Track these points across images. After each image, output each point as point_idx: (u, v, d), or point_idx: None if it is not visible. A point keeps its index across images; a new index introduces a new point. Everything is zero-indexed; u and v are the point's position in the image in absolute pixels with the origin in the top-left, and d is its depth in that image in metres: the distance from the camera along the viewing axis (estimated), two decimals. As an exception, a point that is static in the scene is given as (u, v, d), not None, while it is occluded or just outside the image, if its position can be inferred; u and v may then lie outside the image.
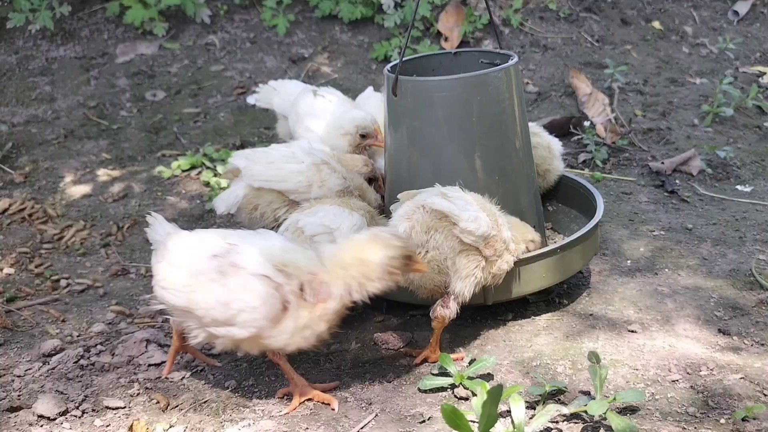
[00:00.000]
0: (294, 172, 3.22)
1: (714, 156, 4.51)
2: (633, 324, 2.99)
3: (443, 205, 2.67)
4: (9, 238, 4.00)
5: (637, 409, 2.53)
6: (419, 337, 2.99)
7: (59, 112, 5.36)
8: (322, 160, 3.28)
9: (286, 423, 2.59)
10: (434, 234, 2.69)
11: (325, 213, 3.00)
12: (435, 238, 2.69)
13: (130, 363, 2.99)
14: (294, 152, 3.31)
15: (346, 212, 3.01)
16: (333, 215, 2.98)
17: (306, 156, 3.28)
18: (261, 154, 3.35)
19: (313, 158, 3.27)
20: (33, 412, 2.71)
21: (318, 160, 3.27)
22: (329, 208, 3.03)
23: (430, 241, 2.69)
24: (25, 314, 3.38)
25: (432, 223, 2.69)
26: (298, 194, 3.22)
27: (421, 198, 2.76)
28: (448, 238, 2.69)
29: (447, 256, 2.69)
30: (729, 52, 6.00)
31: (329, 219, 2.96)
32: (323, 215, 2.99)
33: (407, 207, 2.77)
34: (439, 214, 2.68)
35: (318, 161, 3.27)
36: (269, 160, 3.28)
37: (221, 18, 6.17)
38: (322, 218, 2.97)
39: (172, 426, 2.62)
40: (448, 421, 2.21)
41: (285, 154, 3.31)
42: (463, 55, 3.43)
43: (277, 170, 3.24)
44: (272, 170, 3.24)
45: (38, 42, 5.93)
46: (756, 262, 3.41)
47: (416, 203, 2.76)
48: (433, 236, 2.69)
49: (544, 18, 6.23)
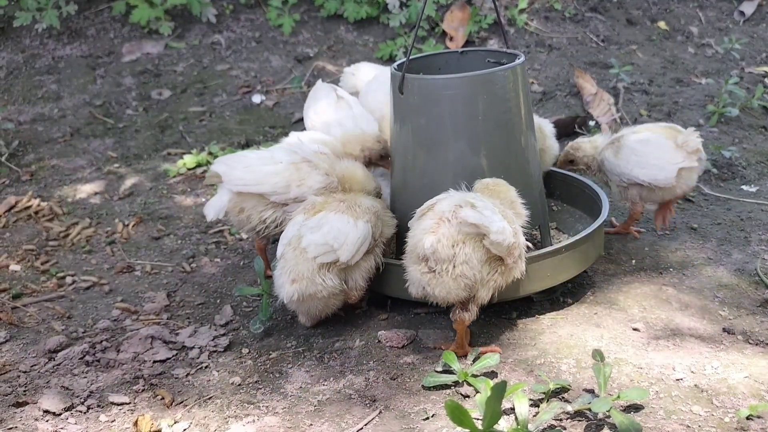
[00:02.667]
0: (270, 174, 3.15)
1: (719, 156, 4.50)
2: (637, 322, 2.99)
3: (475, 217, 2.57)
4: (15, 236, 4.02)
5: (641, 407, 2.53)
6: (423, 335, 3.00)
7: (65, 111, 5.38)
8: (302, 158, 3.19)
9: (291, 419, 2.60)
10: (462, 247, 2.60)
11: (330, 228, 2.89)
12: (464, 251, 2.60)
13: (135, 359, 3.00)
14: (273, 153, 3.24)
15: (351, 222, 2.91)
16: (338, 231, 2.88)
17: (286, 155, 3.21)
18: (239, 158, 3.29)
19: (293, 157, 3.19)
20: (38, 407, 2.72)
21: (298, 158, 3.19)
22: (334, 219, 2.92)
23: (459, 255, 2.59)
24: (31, 311, 3.40)
25: (459, 236, 2.60)
26: (278, 195, 3.14)
27: (443, 208, 2.67)
28: (476, 250, 2.61)
29: (477, 270, 2.62)
30: (735, 53, 5.99)
31: (333, 236, 2.87)
32: (327, 231, 2.89)
33: (429, 219, 2.66)
34: (468, 226, 2.58)
35: (298, 160, 3.19)
36: (246, 164, 3.20)
37: (227, 17, 6.19)
38: (326, 235, 2.88)
39: (176, 422, 2.63)
40: (452, 418, 2.21)
41: (262, 156, 3.24)
42: (470, 54, 3.43)
43: (253, 174, 3.17)
44: (249, 174, 3.17)
45: (45, 41, 5.95)
46: (761, 262, 3.41)
47: (438, 214, 2.66)
48: (462, 249, 2.60)
49: (550, 18, 6.24)
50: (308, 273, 2.85)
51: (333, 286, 2.88)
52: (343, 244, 2.87)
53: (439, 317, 3.10)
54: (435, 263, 2.61)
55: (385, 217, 3.09)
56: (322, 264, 2.86)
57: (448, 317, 2.83)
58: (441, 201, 2.71)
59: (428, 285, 2.65)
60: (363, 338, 3.01)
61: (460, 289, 2.64)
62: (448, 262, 2.60)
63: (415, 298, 2.83)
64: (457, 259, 2.60)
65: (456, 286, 2.62)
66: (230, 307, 3.29)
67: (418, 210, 2.78)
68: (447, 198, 2.72)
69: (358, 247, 2.89)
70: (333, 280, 2.88)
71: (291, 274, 2.87)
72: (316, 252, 2.85)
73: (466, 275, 2.61)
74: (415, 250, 2.66)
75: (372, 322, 3.12)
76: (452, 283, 2.62)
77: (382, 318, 3.14)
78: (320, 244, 2.86)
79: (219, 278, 3.59)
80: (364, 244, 2.91)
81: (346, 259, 2.87)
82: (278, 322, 3.18)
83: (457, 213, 2.61)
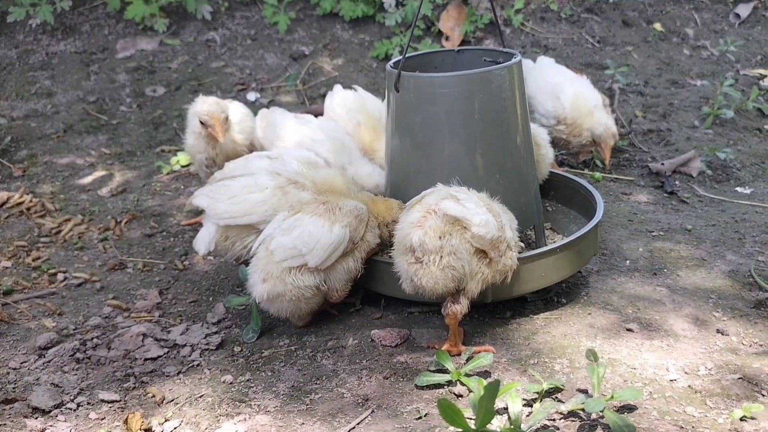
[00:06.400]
0: (258, 203, 3.08)
1: (714, 158, 4.51)
2: (631, 323, 2.98)
3: (456, 210, 2.61)
4: (7, 232, 3.99)
5: (635, 407, 2.52)
6: (417, 334, 2.98)
7: (59, 107, 5.35)
8: (287, 180, 3.12)
9: (282, 418, 2.58)
10: (449, 239, 2.63)
11: (301, 232, 2.85)
12: (450, 243, 2.62)
13: (126, 357, 2.98)
14: (257, 179, 3.15)
15: (326, 227, 2.86)
16: (308, 235, 2.84)
17: (270, 179, 3.12)
18: (221, 189, 3.18)
19: (278, 180, 3.12)
20: (28, 404, 2.70)
21: (283, 181, 3.11)
22: (308, 223, 2.87)
23: (445, 247, 2.62)
24: (22, 307, 3.37)
25: (445, 228, 2.63)
26: (266, 223, 3.04)
27: (429, 201, 2.70)
28: (463, 242, 2.64)
29: (466, 261, 2.64)
30: (730, 55, 6.00)
31: (302, 240, 2.83)
32: (298, 235, 2.85)
33: (417, 213, 2.69)
34: (451, 218, 2.62)
35: (283, 183, 3.11)
36: (230, 194, 3.12)
37: (222, 14, 6.17)
38: (295, 239, 2.84)
39: (167, 420, 2.61)
40: (444, 417, 2.20)
41: (246, 184, 3.14)
42: (466, 53, 3.42)
43: (239, 205, 3.09)
44: (235, 206, 3.09)
45: (38, 36, 5.92)
46: (755, 264, 3.40)
47: (425, 207, 2.69)
48: (449, 241, 2.62)
49: (546, 18, 6.23)
50: (277, 272, 2.86)
51: (304, 286, 2.87)
52: (312, 249, 2.84)
53: (432, 316, 3.09)
54: (422, 254, 2.63)
55: (371, 221, 3.03)
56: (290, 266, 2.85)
57: (441, 316, 2.82)
58: (429, 194, 2.74)
59: (415, 276, 2.67)
60: (356, 337, 2.99)
61: (447, 280, 2.66)
62: (435, 253, 2.62)
63: (409, 297, 2.83)
64: (444, 251, 2.62)
65: (443, 276, 2.64)
66: (223, 305, 3.27)
67: (407, 203, 2.81)
68: (435, 191, 2.75)
69: (329, 252, 2.86)
70: (303, 281, 2.86)
71: (262, 273, 2.88)
72: (283, 255, 2.85)
73: (453, 266, 2.64)
74: (403, 241, 2.68)
75: (365, 321, 3.11)
76: (439, 273, 2.63)
77: (375, 317, 3.13)
78: (288, 248, 2.85)
79: (211, 276, 3.57)
80: (338, 249, 2.88)
81: (315, 264, 2.86)
82: (271, 320, 3.16)
83: (439, 205, 2.63)
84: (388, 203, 3.10)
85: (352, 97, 3.89)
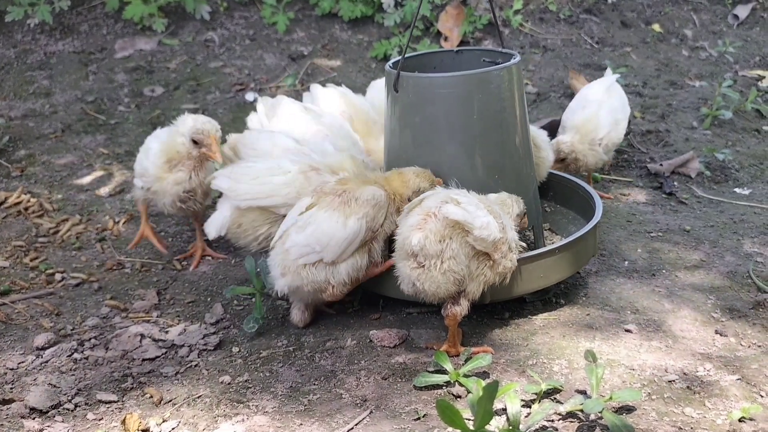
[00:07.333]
0: (281, 185, 3.05)
1: (713, 158, 4.51)
2: (630, 324, 2.98)
3: (458, 213, 2.59)
4: (4, 232, 3.98)
5: (634, 408, 2.52)
6: (415, 335, 2.98)
7: (57, 107, 5.35)
8: (309, 166, 3.12)
9: (280, 419, 2.57)
10: (449, 242, 2.62)
11: (314, 229, 2.83)
12: (451, 246, 2.62)
13: (124, 357, 2.97)
14: (279, 162, 3.14)
15: (341, 222, 2.83)
16: (322, 232, 2.82)
17: (292, 164, 3.12)
18: (244, 169, 3.14)
19: (300, 166, 3.11)
20: (25, 404, 2.69)
21: (305, 167, 3.11)
22: (322, 218, 2.84)
23: (446, 251, 2.61)
24: (19, 307, 3.36)
25: (446, 232, 2.62)
26: (288, 207, 3.02)
27: (429, 204, 2.68)
28: (463, 246, 2.63)
29: (464, 264, 2.64)
30: (728, 56, 6.00)
31: (316, 238, 2.82)
32: (311, 232, 2.83)
33: (416, 216, 2.68)
34: (452, 222, 2.61)
35: (306, 168, 3.10)
36: (254, 175, 3.09)
37: (221, 15, 6.16)
38: (309, 237, 2.83)
39: (165, 420, 2.60)
40: (443, 417, 2.20)
41: (270, 166, 3.13)
42: (465, 54, 3.42)
43: (262, 185, 3.07)
44: (258, 186, 3.07)
45: (37, 36, 5.91)
46: (754, 264, 3.40)
47: (425, 210, 2.67)
48: (449, 245, 2.62)
49: (544, 19, 6.23)
50: (294, 268, 2.87)
51: (321, 280, 2.88)
52: (326, 245, 2.83)
53: (431, 317, 3.09)
54: (423, 258, 2.63)
55: (390, 207, 2.94)
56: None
57: (440, 317, 2.82)
58: (428, 197, 2.73)
59: (417, 280, 2.66)
60: (355, 338, 2.99)
61: (449, 284, 2.66)
62: (436, 257, 2.62)
63: (408, 297, 2.82)
64: (445, 254, 2.62)
65: (445, 280, 2.64)
66: (221, 306, 3.27)
67: (406, 206, 2.80)
68: (434, 194, 2.74)
69: (344, 247, 2.86)
70: (319, 275, 2.87)
71: (280, 267, 2.91)
72: (297, 253, 2.85)
73: (454, 270, 2.63)
74: (404, 246, 2.67)
75: (364, 321, 3.10)
76: (441, 277, 2.63)
77: (374, 317, 3.12)
78: (302, 246, 2.85)
79: (210, 276, 3.56)
80: (353, 243, 2.87)
81: (330, 260, 2.86)
82: (269, 321, 3.16)
83: (441, 209, 2.62)
84: (402, 176, 2.98)
85: (336, 94, 3.88)
